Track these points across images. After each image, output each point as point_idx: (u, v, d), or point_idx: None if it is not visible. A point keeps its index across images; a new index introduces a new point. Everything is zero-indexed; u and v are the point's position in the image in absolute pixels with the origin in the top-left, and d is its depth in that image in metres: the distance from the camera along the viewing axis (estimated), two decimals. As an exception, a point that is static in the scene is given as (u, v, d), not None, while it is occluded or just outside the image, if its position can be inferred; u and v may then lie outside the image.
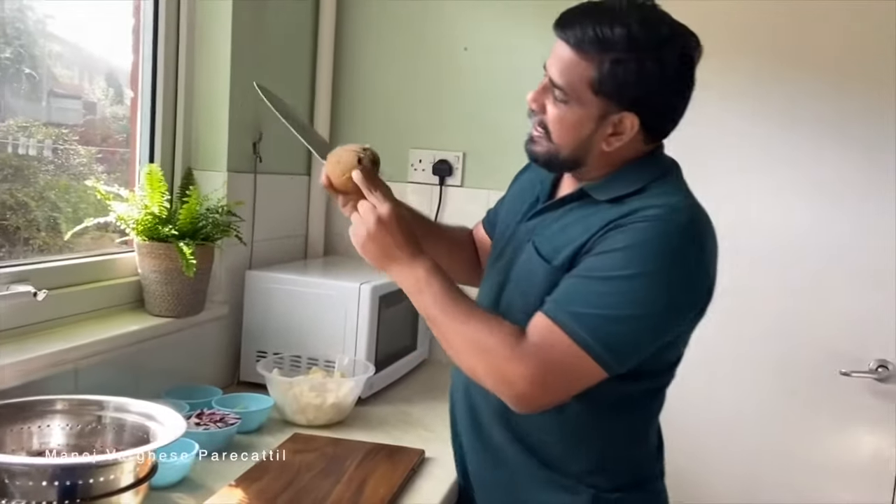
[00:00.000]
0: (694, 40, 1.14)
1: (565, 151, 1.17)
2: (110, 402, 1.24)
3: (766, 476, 2.15)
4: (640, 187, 1.15)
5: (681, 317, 1.14)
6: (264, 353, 1.85)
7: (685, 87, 1.15)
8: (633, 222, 1.10)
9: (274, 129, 2.06)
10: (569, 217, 1.21)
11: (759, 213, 2.10)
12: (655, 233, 1.09)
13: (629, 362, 1.11)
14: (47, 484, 1.00)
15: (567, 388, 1.12)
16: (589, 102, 1.12)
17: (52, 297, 1.42)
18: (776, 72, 2.07)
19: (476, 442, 1.32)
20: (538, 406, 1.12)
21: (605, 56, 1.09)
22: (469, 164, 2.28)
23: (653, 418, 1.31)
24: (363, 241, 1.19)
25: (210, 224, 1.69)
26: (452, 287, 1.17)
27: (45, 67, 1.58)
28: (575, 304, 1.09)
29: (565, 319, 1.08)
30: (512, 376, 1.08)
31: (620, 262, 1.08)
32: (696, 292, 1.14)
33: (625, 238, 1.09)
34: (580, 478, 1.23)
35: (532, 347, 1.08)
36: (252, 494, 1.25)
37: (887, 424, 2.06)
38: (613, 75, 1.09)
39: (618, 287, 1.08)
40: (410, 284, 1.18)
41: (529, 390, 1.08)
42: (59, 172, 1.61)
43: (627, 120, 1.13)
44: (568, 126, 1.15)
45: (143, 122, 1.79)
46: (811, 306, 2.09)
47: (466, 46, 2.24)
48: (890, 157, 2.01)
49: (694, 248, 1.12)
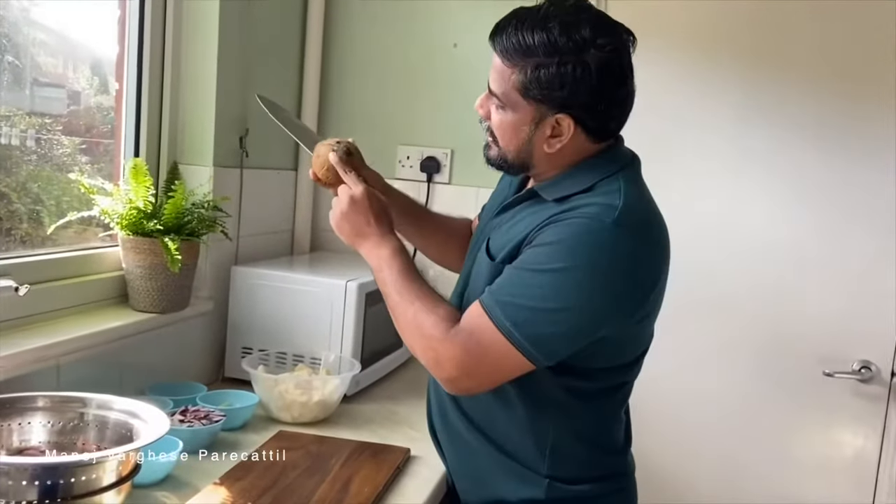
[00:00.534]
0: (621, 38, 1.14)
1: (511, 155, 1.22)
2: (93, 400, 1.22)
3: (748, 475, 2.16)
4: (587, 187, 1.17)
5: (609, 313, 1.14)
6: (249, 350, 1.84)
7: (616, 84, 1.15)
8: (567, 218, 1.13)
9: (261, 125, 2.04)
10: (519, 216, 1.24)
11: (743, 214, 2.11)
12: (586, 229, 1.11)
13: (554, 355, 1.13)
14: (27, 483, 0.98)
15: (491, 375, 1.16)
16: (522, 107, 1.17)
17: (34, 291, 1.40)
18: (754, 73, 2.08)
19: (445, 432, 1.36)
20: (465, 389, 1.20)
21: (528, 62, 1.13)
22: (457, 162, 2.27)
23: (613, 415, 1.32)
24: (338, 219, 1.29)
25: (196, 219, 1.68)
26: (412, 270, 1.24)
27: (29, 56, 1.55)
28: (504, 294, 1.13)
29: (493, 308, 1.12)
30: (441, 359, 1.14)
31: (549, 255, 1.11)
32: (625, 289, 1.15)
33: (557, 232, 1.12)
34: (535, 468, 1.25)
35: (462, 333, 1.14)
36: (236, 492, 1.24)
37: (869, 425, 2.08)
38: (537, 80, 1.13)
39: (544, 280, 1.11)
40: (374, 261, 1.26)
41: (456, 374, 1.14)
42: (42, 163, 1.59)
43: (563, 121, 1.16)
44: (508, 131, 1.20)
45: (129, 115, 1.77)
46: (794, 307, 2.10)
47: (456, 43, 2.24)
48: (872, 157, 2.03)
49: (623, 246, 1.13)
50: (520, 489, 1.26)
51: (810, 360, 2.08)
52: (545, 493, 1.25)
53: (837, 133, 2.05)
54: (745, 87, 2.09)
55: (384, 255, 1.24)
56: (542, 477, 1.25)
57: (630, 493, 1.35)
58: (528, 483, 1.25)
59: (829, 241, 2.07)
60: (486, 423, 1.28)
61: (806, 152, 2.07)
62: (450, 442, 1.36)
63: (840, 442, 2.11)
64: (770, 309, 2.11)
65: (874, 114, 2.01)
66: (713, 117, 2.12)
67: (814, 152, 2.07)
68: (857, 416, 2.08)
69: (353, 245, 1.29)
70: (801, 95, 2.06)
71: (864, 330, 2.06)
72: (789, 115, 2.07)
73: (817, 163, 2.07)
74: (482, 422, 1.28)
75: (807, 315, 2.09)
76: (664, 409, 2.15)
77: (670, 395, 2.14)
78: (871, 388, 2.06)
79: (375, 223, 1.27)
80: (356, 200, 1.27)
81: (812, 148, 2.07)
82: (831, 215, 2.07)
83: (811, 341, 2.09)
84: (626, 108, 1.19)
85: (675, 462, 2.16)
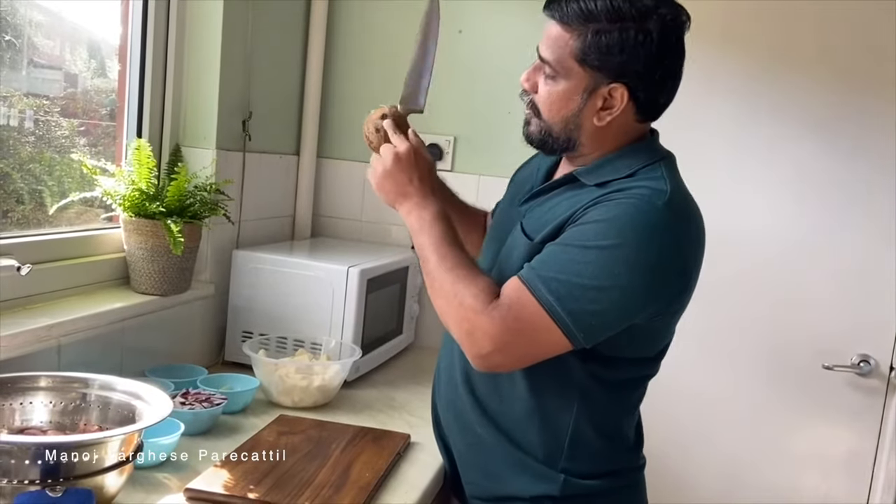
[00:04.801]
0: (681, 12, 1.15)
1: (557, 128, 1.19)
2: (96, 380, 1.22)
3: (746, 467, 2.17)
4: (629, 173, 1.17)
5: (649, 297, 1.13)
6: (250, 334, 1.83)
7: (673, 57, 1.16)
8: (617, 198, 1.12)
9: (264, 108, 2.03)
10: (555, 200, 1.23)
11: (743, 209, 2.11)
12: (636, 209, 1.10)
13: (591, 335, 1.11)
14: (30, 462, 0.98)
15: (525, 352, 1.14)
16: (575, 75, 1.15)
17: (36, 271, 1.40)
18: (761, 70, 2.07)
19: (455, 425, 1.33)
20: (495, 366, 1.16)
21: (588, 27, 1.12)
22: (460, 149, 2.26)
23: (632, 410, 1.31)
24: (380, 176, 1.25)
25: (198, 202, 1.67)
26: (454, 237, 1.20)
27: (25, 36, 1.54)
28: (547, 269, 1.11)
29: (535, 282, 1.10)
30: (477, 331, 1.11)
31: (598, 232, 1.10)
32: (669, 275, 1.14)
33: (606, 211, 1.11)
34: (551, 463, 1.24)
35: (501, 307, 1.10)
36: (237, 475, 1.24)
37: (867, 418, 2.08)
38: (597, 45, 1.12)
39: (590, 256, 1.09)
40: (415, 222, 1.21)
41: (489, 348, 1.11)
42: (40, 144, 1.58)
43: (617, 91, 1.14)
44: (557, 101, 1.17)
45: (131, 96, 1.76)
46: (794, 301, 2.10)
47: (461, 29, 2.22)
48: (873, 154, 2.03)
49: (673, 231, 1.13)
50: (533, 485, 1.24)
51: (809, 353, 2.09)
52: (560, 489, 1.23)
53: (836, 129, 2.05)
54: (745, 84, 2.08)
55: (426, 217, 1.20)
56: (558, 472, 1.23)
57: (640, 488, 1.34)
58: (543, 479, 1.23)
59: (828, 235, 2.07)
60: (502, 417, 1.26)
61: (804, 148, 2.07)
62: (460, 435, 1.33)
63: (838, 435, 2.11)
64: (769, 303, 2.11)
65: (873, 110, 2.01)
66: (713, 114, 2.11)
67: (812, 148, 2.07)
68: (855, 409, 2.09)
69: (394, 204, 1.25)
70: (801, 93, 2.06)
71: (864, 323, 2.06)
72: (789, 111, 2.07)
73: (816, 158, 2.06)
74: (498, 415, 1.26)
75: (806, 308, 2.09)
76: (662, 402, 2.14)
77: (668, 388, 2.14)
78: (869, 382, 2.07)
79: (419, 182, 1.23)
80: (401, 157, 1.23)
81: (810, 144, 2.07)
82: (830, 210, 2.07)
83: (810, 334, 2.09)
84: (677, 83, 1.18)
85: (672, 455, 2.17)
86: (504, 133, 2.17)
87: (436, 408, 1.40)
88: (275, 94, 2.12)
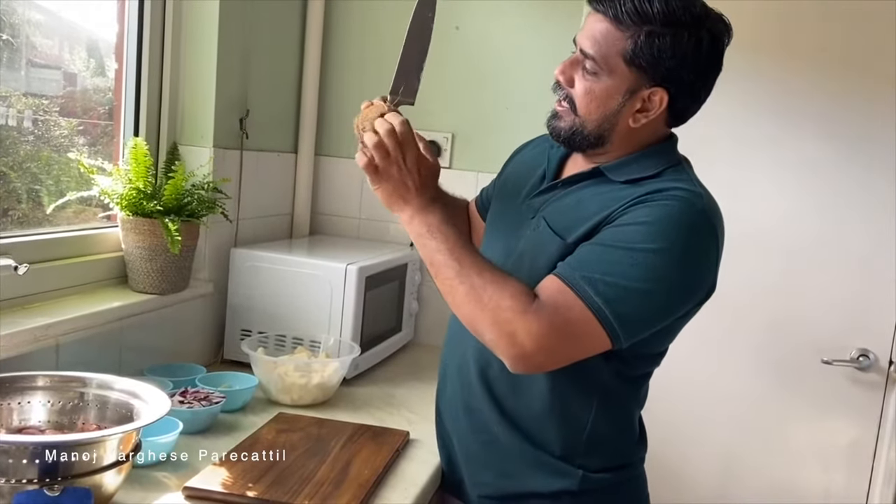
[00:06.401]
0: (729, 26, 1.16)
1: (591, 126, 1.17)
2: (93, 380, 1.22)
3: (745, 462, 2.17)
4: (655, 172, 1.17)
5: (688, 298, 1.15)
6: (249, 332, 1.83)
7: (715, 69, 1.17)
8: (659, 199, 1.12)
9: (261, 106, 2.03)
10: (581, 194, 1.21)
11: (744, 203, 2.10)
12: (680, 212, 1.11)
13: (633, 336, 1.11)
14: (28, 462, 0.98)
15: (567, 353, 1.12)
16: (620, 74, 1.13)
17: (33, 271, 1.40)
18: (763, 66, 2.07)
19: (467, 424, 1.32)
20: (536, 366, 1.13)
21: (641, 28, 1.10)
22: (458, 146, 2.26)
23: (638, 407, 1.32)
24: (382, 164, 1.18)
25: (196, 200, 1.67)
26: (468, 239, 1.19)
27: (24, 36, 1.53)
28: (591, 271, 1.09)
29: (580, 284, 1.08)
30: (519, 332, 1.07)
31: (644, 235, 1.09)
32: (705, 278, 1.16)
33: (651, 212, 1.11)
34: (570, 459, 1.24)
35: (546, 307, 1.08)
36: (236, 474, 1.24)
37: (866, 412, 2.08)
38: (650, 47, 1.11)
39: (638, 258, 1.08)
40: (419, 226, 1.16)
41: (532, 349, 1.08)
42: (39, 144, 1.58)
43: (657, 96, 1.14)
44: (596, 98, 1.16)
45: (128, 95, 1.76)
46: (794, 295, 2.10)
47: (458, 26, 2.22)
48: (873, 149, 2.03)
49: (711, 235, 1.14)
50: (552, 481, 1.24)
51: (809, 348, 2.09)
52: (578, 483, 1.23)
53: (838, 124, 2.04)
54: (748, 78, 2.08)
55: (433, 222, 1.15)
56: (576, 468, 1.23)
57: (643, 479, 1.35)
58: (561, 474, 1.24)
59: (828, 230, 2.07)
60: (519, 415, 1.25)
61: (806, 142, 2.07)
62: (473, 435, 1.31)
63: (837, 429, 2.11)
64: (769, 297, 2.11)
65: (874, 104, 2.01)
66: (716, 107, 2.10)
67: (814, 142, 2.06)
68: (855, 404, 2.09)
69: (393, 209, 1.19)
70: (803, 86, 2.05)
71: (863, 318, 2.06)
72: (791, 105, 2.07)
73: (817, 153, 2.06)
74: (515, 413, 1.25)
75: (806, 303, 2.09)
76: (661, 396, 2.15)
77: (667, 382, 2.14)
78: (868, 376, 2.07)
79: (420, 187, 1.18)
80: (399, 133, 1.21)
81: (812, 138, 2.06)
82: (830, 204, 2.06)
83: (810, 329, 2.09)
84: (708, 96, 1.20)
85: (671, 449, 2.17)
86: (502, 129, 2.17)
87: (440, 411, 1.39)
88: (272, 91, 2.11)
